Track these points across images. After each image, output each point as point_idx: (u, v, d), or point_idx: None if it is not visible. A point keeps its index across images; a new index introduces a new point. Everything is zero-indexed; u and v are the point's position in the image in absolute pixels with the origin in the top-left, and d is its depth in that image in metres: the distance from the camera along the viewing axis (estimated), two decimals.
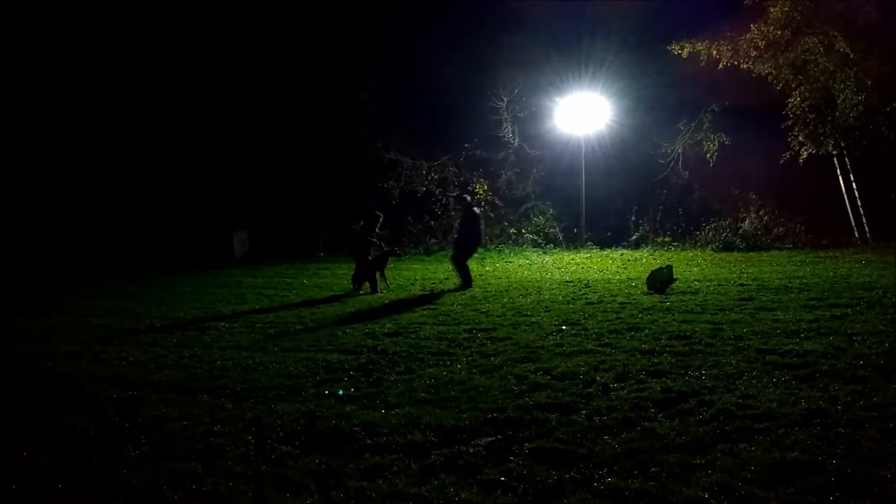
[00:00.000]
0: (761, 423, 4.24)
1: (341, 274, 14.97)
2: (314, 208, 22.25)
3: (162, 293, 13.23)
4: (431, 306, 10.05)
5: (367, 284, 12.27)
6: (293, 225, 22.46)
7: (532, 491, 3.52)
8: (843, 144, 17.37)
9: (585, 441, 4.12)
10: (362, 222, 12.90)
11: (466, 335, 7.64)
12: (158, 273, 17.44)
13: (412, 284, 13.15)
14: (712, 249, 17.76)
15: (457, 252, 12.76)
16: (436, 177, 22.34)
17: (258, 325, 8.99)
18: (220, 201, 22.55)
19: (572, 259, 17.38)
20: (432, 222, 22.05)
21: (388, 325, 8.49)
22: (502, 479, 3.65)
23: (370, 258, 12.35)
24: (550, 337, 7.35)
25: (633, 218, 20.24)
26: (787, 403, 4.59)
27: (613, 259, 16.93)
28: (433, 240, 21.51)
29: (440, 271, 15.69)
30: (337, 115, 22.17)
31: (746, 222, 18.36)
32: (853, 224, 17.82)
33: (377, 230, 12.81)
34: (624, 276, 12.93)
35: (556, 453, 3.96)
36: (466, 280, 12.35)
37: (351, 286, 12.47)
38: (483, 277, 14.05)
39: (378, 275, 12.34)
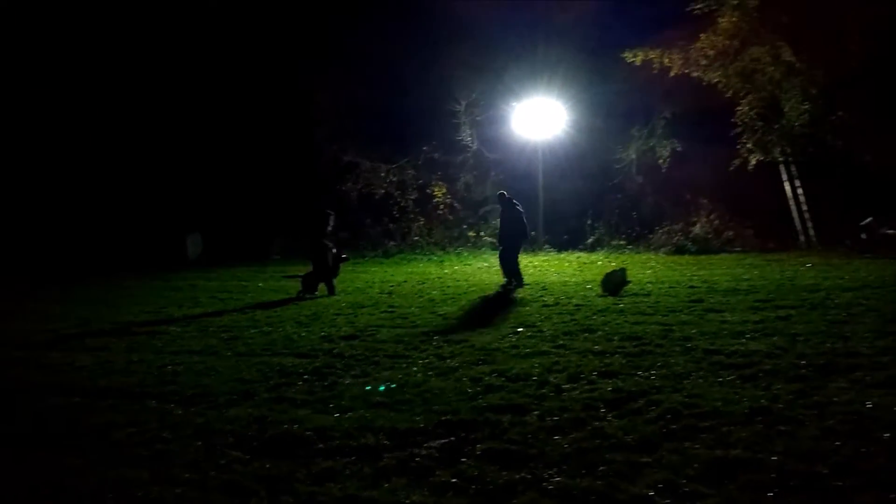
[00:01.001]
0: (706, 422, 4.35)
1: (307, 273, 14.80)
2: (270, 210, 21.98)
3: (111, 296, 12.90)
4: (389, 309, 10.04)
5: (323, 287, 12.16)
6: (249, 227, 22.16)
7: (483, 492, 3.55)
8: (789, 152, 17.94)
9: (536, 441, 4.17)
10: (314, 221, 12.56)
11: (423, 338, 7.65)
12: (108, 276, 17.01)
13: (370, 287, 13.10)
14: (665, 252, 18.15)
15: (504, 251, 12.47)
16: (394, 179, 22.30)
17: (211, 328, 8.84)
18: (173, 202, 22.11)
19: (530, 262, 17.52)
20: (391, 225, 22.01)
21: (344, 329, 8.45)
22: (454, 480, 3.67)
23: (328, 261, 12.20)
24: (506, 339, 7.40)
25: (590, 221, 20.54)
26: (732, 402, 4.72)
27: (570, 262, 17.16)
28: (392, 242, 21.47)
29: (399, 274, 15.68)
30: (294, 117, 21.96)
31: (697, 226, 18.81)
32: (799, 228, 18.42)
33: (329, 230, 12.53)
34: (580, 279, 13.11)
35: (507, 454, 4.00)
36: (518, 278, 12.18)
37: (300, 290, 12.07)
38: (441, 280, 14.10)
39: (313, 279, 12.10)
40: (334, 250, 12.36)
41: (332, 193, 21.40)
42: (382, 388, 5.55)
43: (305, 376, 6.07)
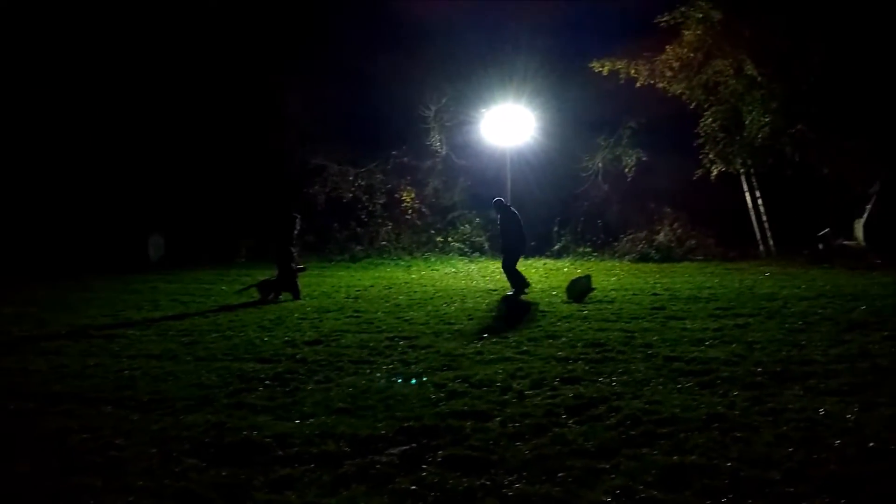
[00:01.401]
0: (664, 428, 4.41)
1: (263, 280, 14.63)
2: (236, 213, 21.69)
3: (69, 299, 12.59)
4: (355, 314, 9.98)
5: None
6: (214, 229, 21.82)
7: (443, 498, 3.55)
8: (749, 163, 18.33)
9: (498, 448, 4.18)
10: (280, 225, 12.41)
11: (388, 343, 7.62)
12: (67, 278, 16.58)
13: (336, 292, 13.01)
14: (629, 260, 18.38)
15: (506, 258, 12.24)
16: (363, 183, 22.19)
17: (171, 332, 8.69)
18: (135, 203, 21.67)
19: (497, 267, 17.56)
20: (358, 229, 21.90)
21: (309, 333, 8.38)
22: (413, 487, 3.66)
23: (293, 265, 12.10)
24: (471, 345, 7.42)
25: (556, 228, 20.70)
26: (690, 408, 4.80)
27: (536, 268, 17.26)
28: (359, 247, 21.36)
29: (365, 278, 15.61)
30: (261, 119, 21.72)
31: (661, 235, 19.09)
32: (758, 238, 18.83)
33: (296, 234, 12.40)
34: (546, 285, 13.21)
35: (468, 460, 4.00)
36: (520, 284, 11.87)
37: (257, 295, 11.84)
38: (408, 285, 14.07)
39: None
40: (296, 258, 12.27)
41: (299, 196, 21.21)
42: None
43: (267, 382, 6.00)
